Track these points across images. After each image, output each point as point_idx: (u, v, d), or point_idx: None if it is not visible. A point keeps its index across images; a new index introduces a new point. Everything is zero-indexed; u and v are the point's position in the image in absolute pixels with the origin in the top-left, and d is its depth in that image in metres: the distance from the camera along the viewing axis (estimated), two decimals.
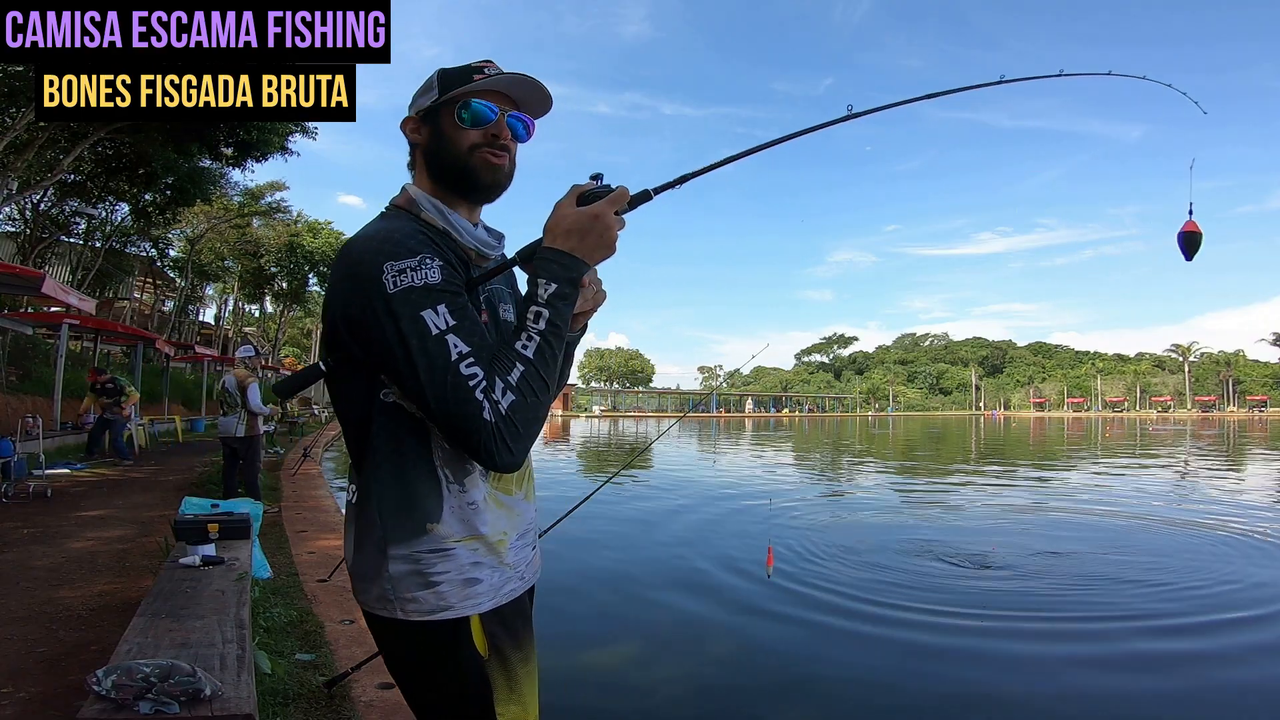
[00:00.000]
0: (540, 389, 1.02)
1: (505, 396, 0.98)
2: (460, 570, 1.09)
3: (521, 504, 1.19)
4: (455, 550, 1.08)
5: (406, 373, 0.98)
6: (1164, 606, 4.95)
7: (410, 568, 1.07)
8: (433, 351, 0.97)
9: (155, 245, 28.65)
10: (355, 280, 1.01)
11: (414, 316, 0.97)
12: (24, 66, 11.34)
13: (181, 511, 4.34)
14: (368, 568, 1.10)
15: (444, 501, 1.08)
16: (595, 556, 6.52)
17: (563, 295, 1.04)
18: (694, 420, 56.60)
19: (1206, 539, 7.35)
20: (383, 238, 1.03)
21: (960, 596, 5.17)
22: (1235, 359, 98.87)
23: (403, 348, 0.98)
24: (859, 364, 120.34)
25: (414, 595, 1.07)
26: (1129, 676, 3.88)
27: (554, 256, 1.05)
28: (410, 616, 1.08)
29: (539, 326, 1.03)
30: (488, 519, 1.11)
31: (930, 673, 3.87)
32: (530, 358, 1.02)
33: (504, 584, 1.13)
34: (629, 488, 11.31)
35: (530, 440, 1.03)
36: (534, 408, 1.01)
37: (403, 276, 0.98)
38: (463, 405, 0.96)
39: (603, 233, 1.06)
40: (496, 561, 1.12)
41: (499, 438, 0.97)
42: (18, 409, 11.79)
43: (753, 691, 3.66)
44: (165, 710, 1.91)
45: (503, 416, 0.97)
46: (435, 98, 1.15)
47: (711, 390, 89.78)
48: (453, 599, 1.08)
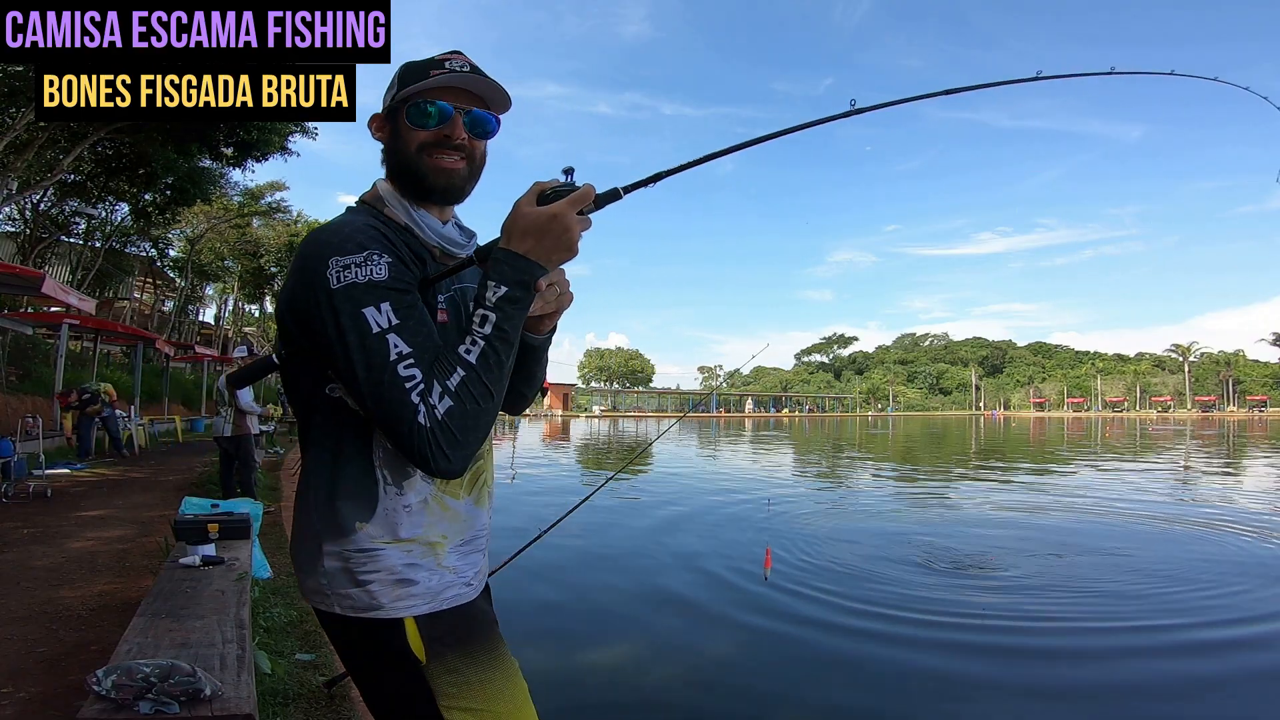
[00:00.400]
0: (482, 395, 0.99)
1: (442, 401, 0.96)
2: (391, 571, 1.06)
3: (470, 509, 1.16)
4: (385, 551, 1.06)
5: (345, 370, 0.98)
6: (1187, 619, 4.72)
7: (340, 565, 1.06)
8: (372, 350, 0.96)
9: (155, 245, 28.67)
10: (302, 274, 1.01)
11: (355, 313, 0.96)
12: (24, 66, 11.34)
13: (181, 511, 4.34)
14: (305, 560, 1.10)
15: (377, 502, 1.06)
16: (593, 557, 6.52)
17: (512, 299, 1.01)
18: (694, 420, 56.59)
19: (1221, 542, 7.35)
20: (332, 231, 1.02)
21: (959, 597, 5.17)
22: (1235, 359, 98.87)
23: (342, 345, 0.97)
24: (859, 364, 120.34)
25: (347, 592, 1.06)
26: (1133, 683, 3.88)
27: (506, 258, 1.01)
28: (346, 612, 1.07)
29: (484, 331, 1.00)
30: (424, 521, 1.09)
31: (929, 675, 3.87)
32: (472, 363, 0.98)
33: (444, 588, 1.10)
34: (628, 488, 11.31)
35: (471, 448, 0.99)
36: (474, 415, 0.98)
37: (347, 272, 0.97)
38: (398, 408, 0.95)
39: (561, 234, 1.01)
40: (434, 564, 1.09)
41: (434, 443, 0.95)
42: (18, 409, 11.80)
43: (749, 693, 3.65)
44: (165, 710, 1.91)
45: (438, 422, 0.95)
46: (392, 96, 1.13)
47: (711, 390, 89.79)
48: (383, 599, 1.06)
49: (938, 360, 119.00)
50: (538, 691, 1.16)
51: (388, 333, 0.96)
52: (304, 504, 1.11)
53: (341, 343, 0.97)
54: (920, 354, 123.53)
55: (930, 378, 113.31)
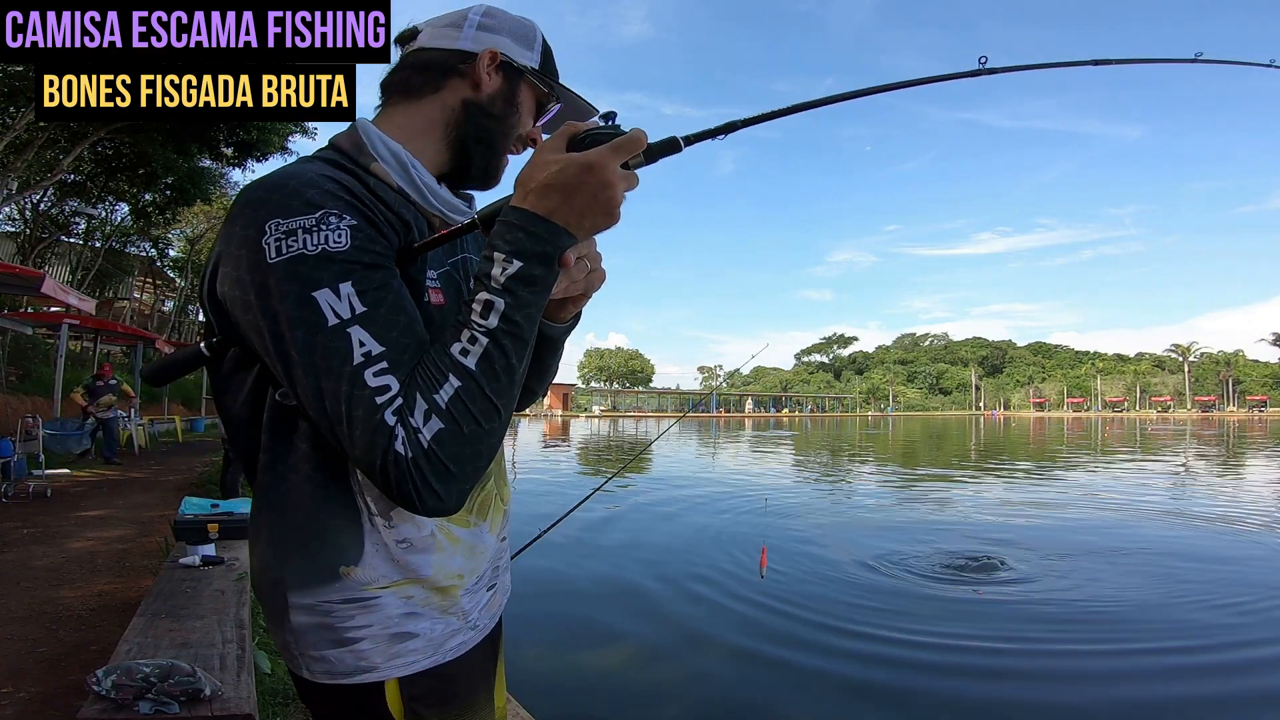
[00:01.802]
0: (484, 414, 0.71)
1: (429, 423, 0.69)
2: (387, 624, 0.81)
3: (484, 538, 0.91)
4: (380, 599, 0.81)
5: (288, 375, 0.71)
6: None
7: (315, 621, 0.80)
8: (326, 349, 0.69)
9: (155, 245, 28.68)
10: (229, 239, 0.73)
11: (301, 298, 0.69)
12: (24, 66, 11.35)
13: (181, 511, 4.33)
14: (270, 610, 0.84)
15: (364, 537, 0.80)
16: (591, 557, 6.52)
17: (527, 279, 0.72)
18: (694, 420, 56.60)
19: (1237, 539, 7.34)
20: (273, 186, 0.74)
21: (956, 595, 5.17)
22: (1235, 359, 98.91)
23: (281, 344, 0.70)
24: (859, 364, 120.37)
25: (322, 654, 0.81)
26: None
27: (522, 221, 0.72)
28: (317, 678, 0.82)
29: (488, 323, 0.71)
30: (433, 560, 0.84)
31: (926, 676, 3.87)
32: (471, 369, 0.70)
33: (448, 637, 0.86)
34: (626, 488, 11.31)
35: (468, 481, 0.72)
36: (473, 439, 0.71)
37: (291, 240, 0.70)
38: (365, 430, 0.68)
39: (598, 190, 0.72)
40: (440, 611, 0.85)
41: (417, 478, 0.68)
42: (18, 409, 11.79)
43: (744, 693, 3.65)
44: (165, 710, 1.91)
45: (423, 450, 0.68)
46: (534, 63, 0.92)
47: (711, 390, 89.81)
48: (377, 658, 0.81)
49: (938, 360, 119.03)
50: (534, 692, 1.13)
51: (348, 325, 0.69)
52: (258, 543, 0.83)
53: (280, 341, 0.70)
54: (920, 354, 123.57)
55: (930, 378, 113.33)
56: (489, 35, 0.89)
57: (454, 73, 0.88)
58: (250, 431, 0.82)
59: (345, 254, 0.71)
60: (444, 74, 0.88)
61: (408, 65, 0.90)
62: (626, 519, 8.59)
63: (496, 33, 0.89)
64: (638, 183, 0.75)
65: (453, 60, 0.88)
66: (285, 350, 0.70)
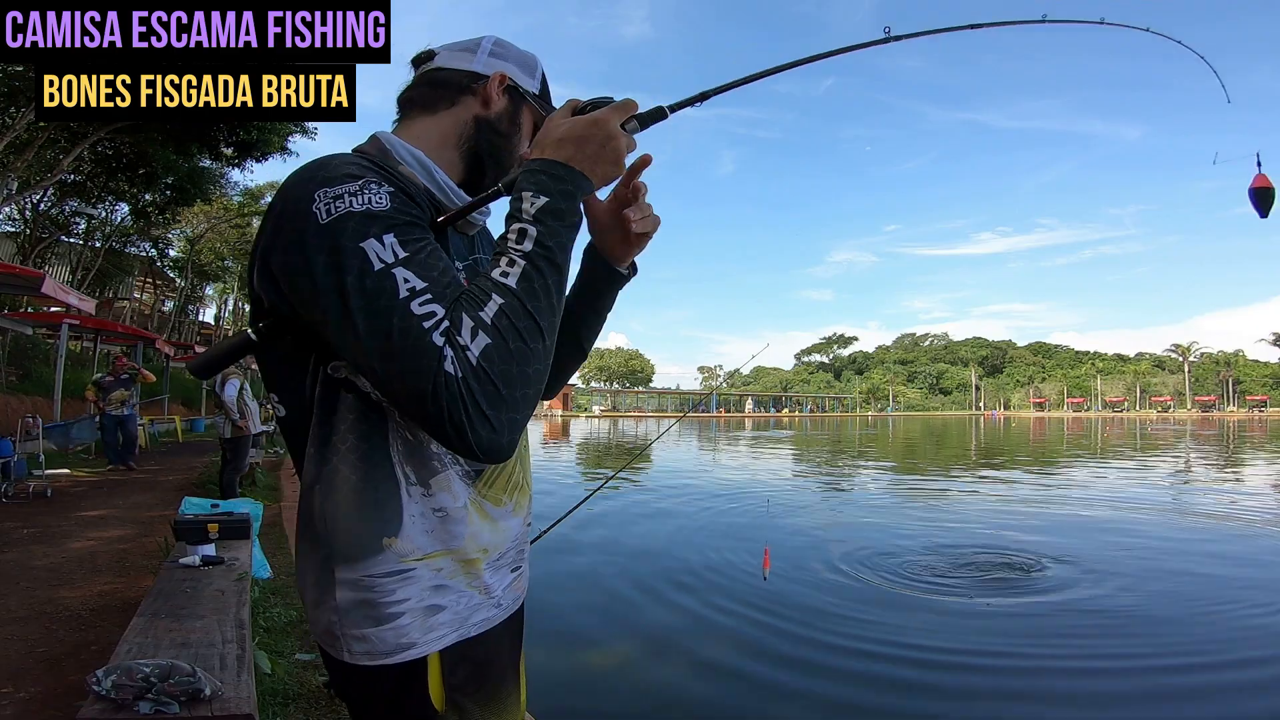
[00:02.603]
0: (529, 331, 0.75)
1: (476, 339, 0.72)
2: (421, 597, 0.86)
3: (510, 519, 0.96)
4: (415, 572, 0.85)
5: (341, 322, 0.75)
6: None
7: (360, 597, 0.84)
8: (373, 289, 0.73)
9: (155, 245, 28.70)
10: (282, 216, 0.79)
11: (351, 248, 0.74)
12: (24, 66, 11.35)
13: (181, 511, 4.34)
14: (315, 591, 0.87)
15: (403, 508, 0.85)
16: (592, 557, 6.52)
17: (556, 211, 0.79)
18: (694, 420, 56.61)
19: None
20: (316, 165, 0.82)
21: (955, 594, 5.17)
22: (1235, 359, 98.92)
23: (336, 289, 0.74)
24: (859, 364, 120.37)
25: (363, 634, 0.84)
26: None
27: (542, 167, 0.82)
28: (357, 660, 0.85)
29: (524, 247, 0.77)
30: (465, 532, 0.88)
31: (930, 677, 3.87)
32: (513, 287, 0.75)
33: (472, 611, 0.90)
34: (627, 488, 11.31)
35: (519, 409, 0.75)
36: (520, 357, 0.74)
37: (339, 203, 0.77)
38: (415, 355, 0.71)
39: (605, 141, 0.83)
40: (465, 584, 0.89)
41: (468, 399, 0.71)
42: (18, 409, 11.79)
43: (748, 693, 3.65)
44: (165, 710, 1.91)
45: (472, 368, 0.71)
46: (535, 90, 1.01)
47: (711, 390, 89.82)
48: (414, 633, 0.85)
49: (938, 360, 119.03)
50: (535, 692, 1.13)
51: (393, 267, 0.74)
52: (310, 524, 0.88)
53: (336, 287, 0.74)
54: (920, 354, 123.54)
55: (930, 378, 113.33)
56: (499, 61, 0.99)
57: (467, 91, 0.98)
58: (301, 413, 0.88)
59: (387, 212, 0.78)
60: (459, 91, 0.98)
61: (425, 82, 0.99)
62: (626, 519, 8.58)
63: (505, 60, 1.00)
64: (635, 145, 0.87)
65: (466, 80, 0.98)
66: (337, 301, 0.75)
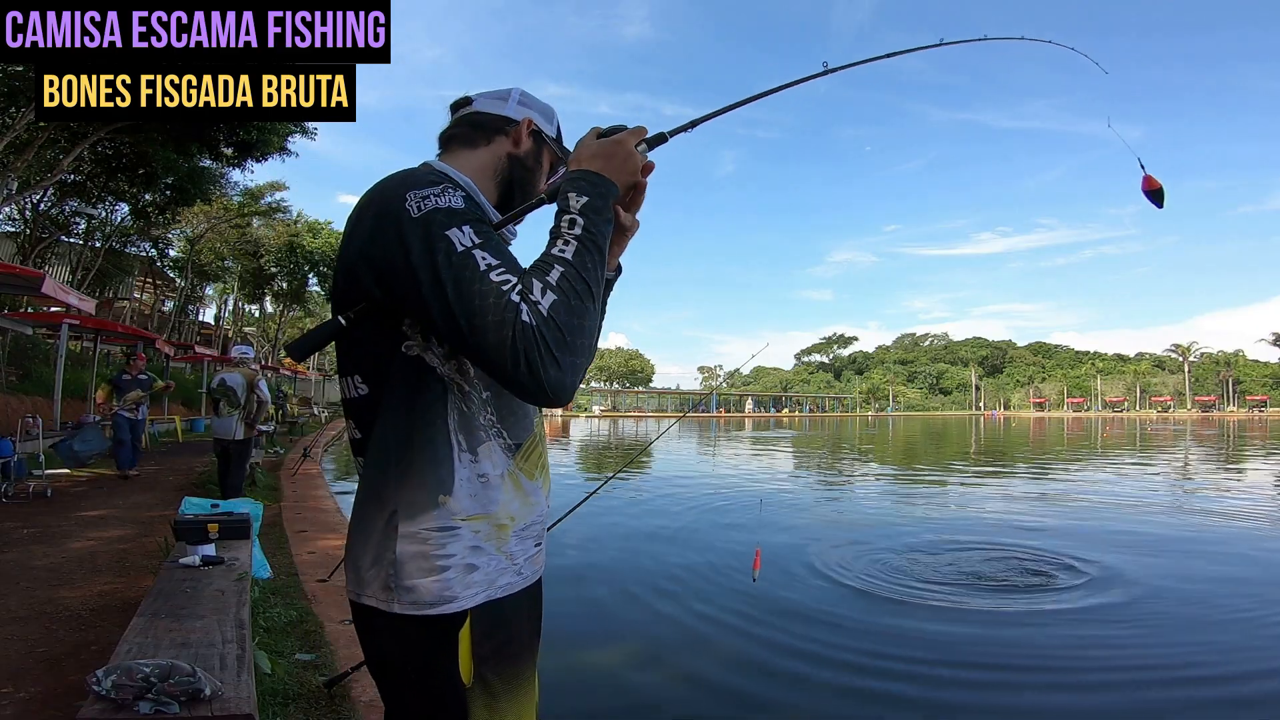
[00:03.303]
0: (584, 293, 0.92)
1: (545, 296, 0.89)
2: (463, 554, 1.00)
3: (538, 494, 1.11)
4: (460, 530, 1.00)
5: (433, 295, 0.91)
6: None
7: (416, 549, 0.98)
8: (459, 265, 0.90)
9: (155, 245, 28.68)
10: (378, 216, 0.97)
11: (440, 235, 0.92)
12: (24, 66, 11.34)
13: (181, 511, 4.34)
14: (373, 551, 1.01)
15: (455, 471, 1.01)
16: (588, 557, 6.52)
17: (595, 208, 0.99)
18: (694, 420, 56.59)
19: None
20: (403, 175, 1.02)
21: (954, 593, 5.17)
22: (1235, 359, 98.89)
23: (428, 269, 0.91)
24: (859, 364, 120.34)
25: (413, 584, 0.98)
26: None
27: (582, 175, 1.02)
28: (405, 610, 0.98)
29: (575, 232, 0.96)
30: (499, 498, 1.04)
31: (927, 675, 3.87)
32: (569, 258, 0.94)
33: (499, 574, 1.04)
34: (623, 488, 11.31)
35: (579, 357, 0.91)
36: (579, 312, 0.91)
37: (426, 201, 0.95)
38: (496, 312, 0.87)
39: (625, 158, 1.05)
40: (495, 547, 1.03)
41: (541, 345, 0.87)
42: (18, 409, 11.78)
43: (737, 694, 3.65)
44: (165, 710, 1.91)
45: (544, 318, 0.88)
46: (553, 134, 1.22)
47: (711, 390, 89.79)
48: (457, 587, 0.99)
49: (938, 360, 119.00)
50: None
51: (473, 249, 0.92)
52: (376, 484, 1.02)
53: (429, 267, 0.91)
54: (920, 354, 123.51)
55: (930, 378, 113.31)
56: (526, 109, 1.20)
57: (501, 132, 1.18)
58: (377, 385, 1.03)
59: (463, 210, 0.97)
60: (495, 132, 1.18)
61: (466, 123, 1.19)
62: (622, 519, 8.59)
63: (530, 108, 1.21)
64: (650, 164, 1.09)
65: (500, 123, 1.18)
66: (430, 275, 0.91)
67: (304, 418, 22.51)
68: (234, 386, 6.84)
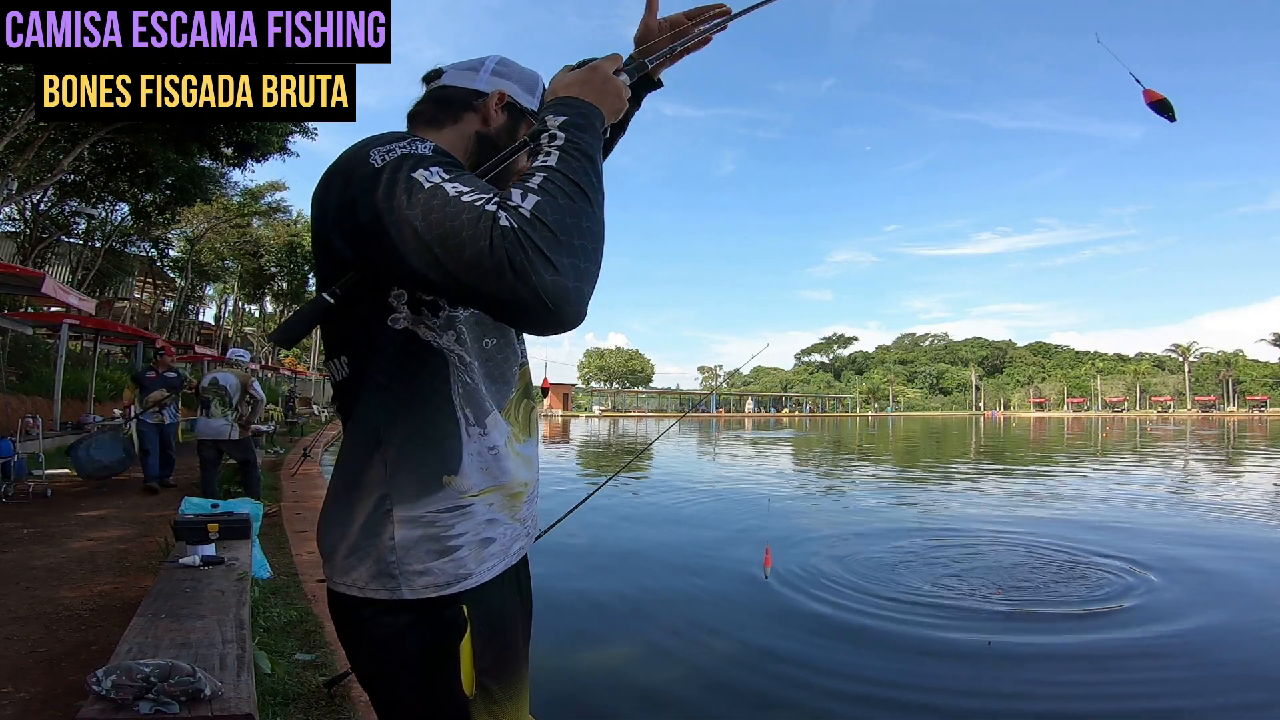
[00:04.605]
0: (575, 193, 0.82)
1: (526, 199, 0.80)
2: (477, 530, 0.95)
3: (534, 451, 1.07)
4: (473, 507, 0.94)
5: (401, 236, 0.81)
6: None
7: (422, 533, 0.91)
8: (427, 197, 0.81)
9: (155, 245, 28.69)
10: (345, 176, 0.88)
11: (406, 177, 0.83)
12: (24, 66, 11.35)
13: (181, 511, 4.34)
14: (360, 539, 0.93)
15: (463, 447, 0.94)
16: (593, 556, 6.52)
17: (577, 125, 0.89)
18: (694, 420, 56.59)
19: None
20: (368, 138, 0.93)
21: (953, 592, 5.17)
22: (1235, 359, 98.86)
23: (395, 211, 0.82)
24: (859, 364, 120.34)
25: (425, 567, 0.91)
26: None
27: (555, 102, 0.94)
28: (420, 594, 0.91)
29: (556, 143, 0.87)
30: (508, 467, 0.98)
31: (933, 675, 3.87)
32: (553, 165, 0.85)
33: (513, 541, 1.01)
34: (627, 487, 11.31)
35: (578, 254, 0.80)
36: (569, 211, 0.81)
37: (391, 152, 0.87)
38: (471, 226, 0.78)
39: (604, 81, 0.97)
40: (509, 516, 0.99)
41: (525, 243, 0.76)
42: (18, 409, 11.78)
43: (749, 693, 3.65)
44: (165, 710, 1.91)
45: (526, 219, 0.78)
46: (535, 107, 1.09)
47: (711, 390, 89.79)
48: (471, 564, 0.94)
49: (938, 360, 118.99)
50: (538, 690, 1.14)
51: (443, 183, 0.82)
52: (360, 468, 0.94)
53: (393, 209, 0.82)
54: (920, 354, 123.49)
55: (930, 378, 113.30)
56: (500, 80, 1.07)
57: (468, 108, 1.06)
58: (361, 362, 0.95)
59: (431, 156, 0.87)
60: (460, 108, 1.06)
61: (432, 99, 1.07)
62: (626, 518, 8.58)
63: (506, 78, 1.08)
64: (629, 92, 1.01)
65: (468, 97, 1.06)
66: (395, 219, 0.82)
67: (304, 417, 22.51)
68: (226, 386, 6.71)
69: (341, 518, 0.95)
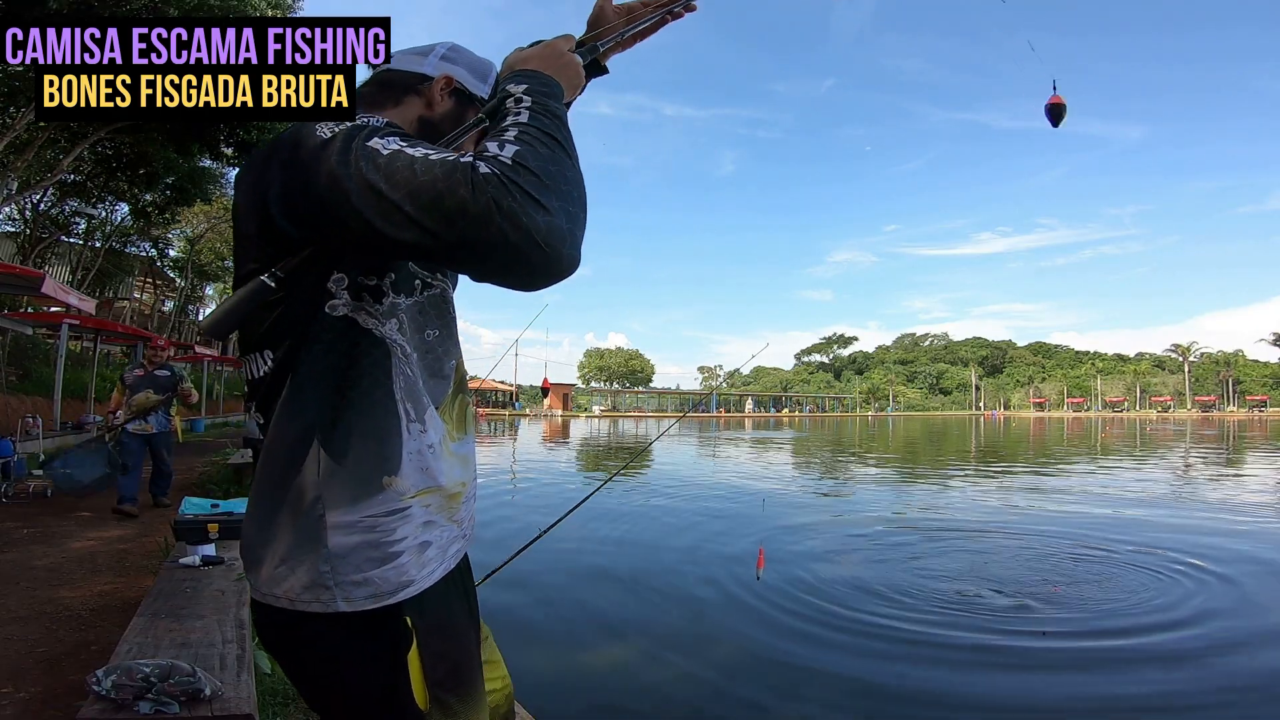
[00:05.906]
0: (551, 144, 0.78)
1: (505, 149, 0.75)
2: (415, 534, 0.87)
3: (470, 449, 1.00)
4: (411, 509, 0.87)
5: (365, 201, 0.74)
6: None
7: (360, 539, 0.84)
8: (388, 160, 0.75)
9: (155, 245, 28.72)
10: (291, 150, 0.82)
11: (361, 146, 0.76)
12: (24, 66, 11.35)
13: (181, 511, 4.35)
14: (290, 547, 0.84)
15: (403, 446, 0.87)
16: (589, 557, 6.53)
17: (540, 92, 0.85)
18: (694, 420, 56.61)
19: None
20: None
21: (949, 592, 5.18)
22: (1235, 359, 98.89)
23: (354, 177, 0.75)
24: (859, 364, 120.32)
25: (364, 576, 0.83)
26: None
27: (514, 74, 0.89)
28: (359, 606, 0.83)
29: (524, 104, 0.83)
30: (444, 468, 0.91)
31: (925, 675, 3.88)
32: (523, 120, 0.80)
33: (450, 543, 0.94)
34: (623, 488, 11.32)
35: (567, 198, 0.76)
36: (550, 160, 0.76)
37: (339, 125, 0.81)
38: (446, 179, 0.72)
39: (558, 56, 0.94)
40: (446, 518, 0.92)
41: (511, 185, 0.72)
42: (18, 409, 11.80)
43: (740, 695, 3.66)
44: (165, 710, 1.93)
45: (508, 164, 0.73)
46: (485, 94, 1.05)
47: (711, 390, 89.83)
48: (412, 570, 0.86)
49: (938, 360, 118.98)
50: (531, 692, 1.14)
51: (402, 149, 0.76)
52: (288, 468, 0.85)
53: (351, 176, 0.75)
54: (920, 354, 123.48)
55: (930, 378, 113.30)
56: (449, 65, 1.03)
57: (412, 91, 1.02)
58: (290, 354, 0.86)
59: (384, 127, 0.81)
60: (403, 91, 1.02)
61: (375, 82, 1.03)
62: (622, 519, 8.59)
63: (456, 64, 1.04)
64: (583, 70, 0.98)
65: (412, 81, 1.02)
66: (359, 185, 0.75)
67: None
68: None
69: (267, 523, 0.86)
